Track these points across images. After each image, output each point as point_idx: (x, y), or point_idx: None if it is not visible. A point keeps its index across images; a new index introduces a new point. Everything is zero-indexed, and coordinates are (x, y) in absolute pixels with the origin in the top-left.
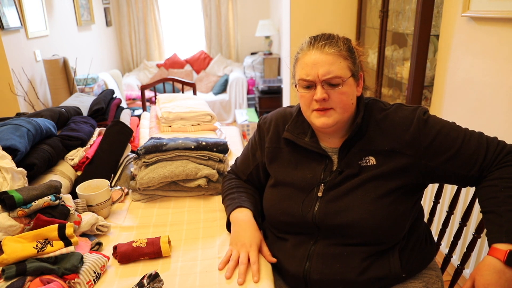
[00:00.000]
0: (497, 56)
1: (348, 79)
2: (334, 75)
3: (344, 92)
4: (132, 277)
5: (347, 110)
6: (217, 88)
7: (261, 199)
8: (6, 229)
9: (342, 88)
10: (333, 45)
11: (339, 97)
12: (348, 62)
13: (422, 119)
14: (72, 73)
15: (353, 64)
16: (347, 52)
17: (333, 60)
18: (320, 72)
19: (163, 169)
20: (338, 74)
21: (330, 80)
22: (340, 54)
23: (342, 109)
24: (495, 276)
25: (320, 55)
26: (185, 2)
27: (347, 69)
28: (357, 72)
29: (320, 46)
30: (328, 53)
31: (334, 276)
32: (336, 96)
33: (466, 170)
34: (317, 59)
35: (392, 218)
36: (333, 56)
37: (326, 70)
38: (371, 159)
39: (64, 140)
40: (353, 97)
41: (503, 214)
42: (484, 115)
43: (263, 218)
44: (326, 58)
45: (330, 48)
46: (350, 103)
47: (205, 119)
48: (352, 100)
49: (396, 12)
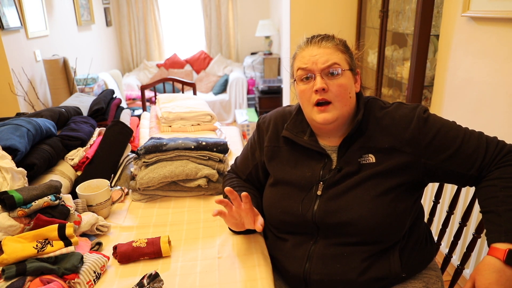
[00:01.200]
0: (497, 56)
1: (346, 71)
2: (332, 61)
3: (342, 84)
4: (132, 277)
5: (346, 104)
6: (217, 88)
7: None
8: (6, 229)
9: (340, 79)
10: (330, 40)
11: (338, 89)
12: (346, 56)
13: (422, 118)
14: (72, 73)
15: (350, 59)
16: (344, 47)
17: (331, 51)
18: (319, 62)
19: (163, 169)
20: (336, 61)
21: (329, 67)
22: (337, 48)
23: (340, 103)
24: (495, 276)
25: (318, 48)
26: (185, 2)
27: (345, 61)
28: (355, 68)
29: (317, 41)
30: (326, 46)
31: (334, 277)
32: (334, 87)
33: (465, 169)
34: (315, 52)
35: (392, 216)
36: (331, 48)
37: (325, 59)
38: (371, 157)
39: (64, 140)
40: (351, 91)
41: (502, 214)
42: (484, 115)
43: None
44: (324, 50)
45: (327, 43)
46: (348, 97)
47: (205, 119)
48: (350, 94)
49: (396, 12)
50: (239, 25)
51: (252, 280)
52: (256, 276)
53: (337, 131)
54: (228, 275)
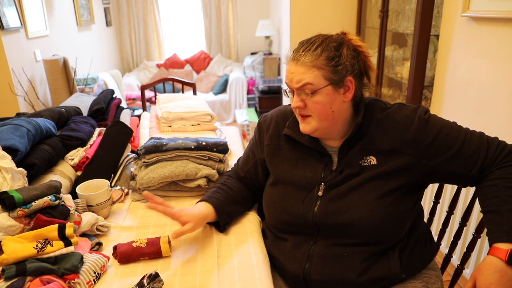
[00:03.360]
0: (497, 56)
1: (324, 88)
2: (305, 82)
3: (318, 102)
4: (132, 277)
5: (326, 118)
6: (217, 88)
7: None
8: (6, 229)
9: (316, 97)
10: (310, 54)
11: (314, 106)
12: (324, 71)
13: (423, 119)
14: (72, 73)
15: (332, 73)
16: (325, 61)
17: (305, 70)
18: (294, 81)
19: (163, 169)
20: (309, 81)
21: (302, 88)
22: (313, 65)
23: (319, 118)
24: (497, 276)
25: (294, 66)
26: (185, 2)
27: (322, 78)
28: (341, 79)
29: (297, 56)
30: (302, 63)
31: (334, 277)
32: (311, 104)
33: (466, 170)
34: (293, 70)
35: (392, 217)
36: (305, 67)
37: (298, 79)
38: (372, 159)
39: (64, 140)
40: (333, 105)
41: (504, 214)
42: (484, 115)
43: (262, 218)
44: (298, 69)
45: (305, 58)
46: (329, 112)
47: (205, 119)
48: (332, 109)
49: (396, 12)
50: (239, 25)
51: (251, 280)
52: (255, 276)
53: (336, 134)
54: (227, 275)
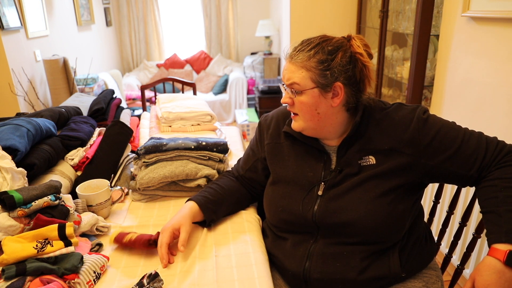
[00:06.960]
0: (497, 56)
1: (310, 90)
2: (292, 81)
3: (303, 102)
4: (132, 277)
5: (312, 120)
6: (217, 88)
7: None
8: (6, 229)
9: (301, 97)
10: (303, 54)
11: (300, 105)
12: (312, 73)
13: (421, 118)
14: (72, 73)
15: (320, 76)
16: (315, 63)
17: (294, 69)
18: (285, 78)
19: (163, 169)
20: (296, 81)
21: (290, 86)
22: (303, 65)
23: (304, 118)
24: (495, 277)
25: (289, 63)
26: (185, 2)
27: (309, 80)
28: (328, 84)
29: (294, 54)
30: (294, 62)
31: (334, 275)
32: (297, 103)
33: (465, 170)
34: (286, 67)
35: (391, 217)
36: (296, 66)
37: (288, 77)
38: (371, 159)
39: (64, 140)
40: (319, 107)
41: (503, 214)
42: (484, 115)
43: (262, 217)
44: (290, 67)
45: (298, 57)
46: (315, 113)
47: (205, 119)
48: (317, 111)
49: (396, 12)
50: (239, 25)
51: (250, 279)
52: (254, 274)
53: (328, 134)
54: (226, 273)
